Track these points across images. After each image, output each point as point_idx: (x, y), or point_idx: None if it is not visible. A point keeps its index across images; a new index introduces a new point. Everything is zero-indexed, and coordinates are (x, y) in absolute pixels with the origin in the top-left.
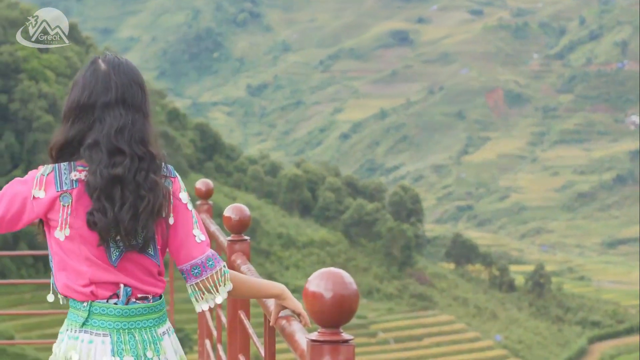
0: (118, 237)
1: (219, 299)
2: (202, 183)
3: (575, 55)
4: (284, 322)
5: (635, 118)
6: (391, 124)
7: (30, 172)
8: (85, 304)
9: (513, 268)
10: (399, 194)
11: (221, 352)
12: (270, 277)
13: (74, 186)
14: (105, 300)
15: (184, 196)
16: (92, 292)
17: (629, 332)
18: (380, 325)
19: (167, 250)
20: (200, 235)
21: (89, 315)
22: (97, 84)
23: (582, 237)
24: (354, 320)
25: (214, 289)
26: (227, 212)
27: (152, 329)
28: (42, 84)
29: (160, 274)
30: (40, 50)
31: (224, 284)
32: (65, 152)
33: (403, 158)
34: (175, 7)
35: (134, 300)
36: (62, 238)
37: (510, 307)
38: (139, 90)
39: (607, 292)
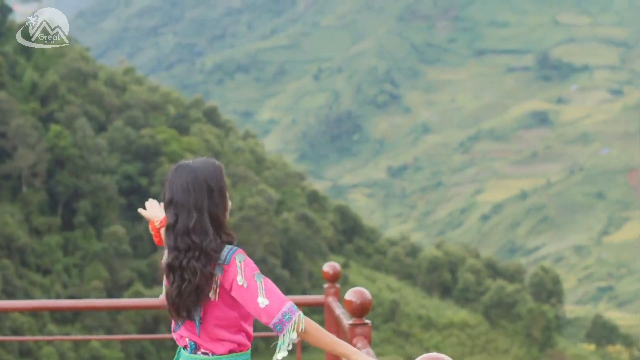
0: (175, 310)
1: (289, 343)
2: (329, 266)
3: None
4: None
5: None
6: (532, 204)
7: None
8: (179, 348)
9: None
10: (539, 275)
11: None
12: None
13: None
14: (183, 347)
15: (239, 279)
16: (178, 340)
17: None
18: None
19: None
20: (263, 302)
21: (178, 356)
22: (165, 188)
23: None
24: None
25: (294, 331)
26: (349, 295)
27: None
28: None
29: (222, 338)
30: (180, 133)
31: (299, 328)
32: None
33: (543, 239)
34: (315, 89)
35: (199, 352)
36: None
37: None
38: (186, 193)
39: None
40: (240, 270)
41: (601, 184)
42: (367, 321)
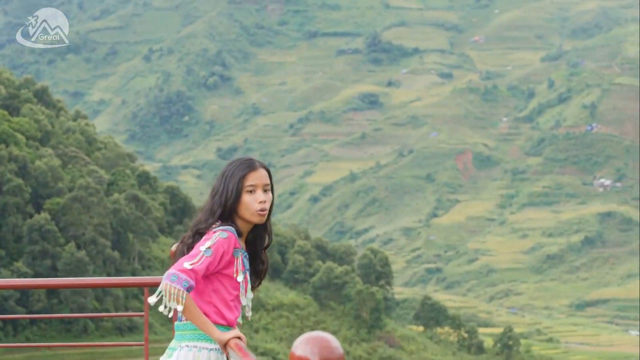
0: None
1: (171, 309)
2: (177, 246)
3: (544, 118)
4: None
5: (603, 180)
6: (361, 186)
7: None
8: None
9: (482, 330)
10: (368, 256)
11: None
12: None
13: None
14: None
15: (202, 243)
16: None
17: None
18: None
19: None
20: (185, 264)
21: None
22: None
23: (550, 299)
24: None
25: (173, 301)
26: None
27: (177, 341)
28: (13, 147)
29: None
30: (10, 113)
31: (178, 303)
32: None
33: (372, 221)
34: (146, 70)
35: (181, 320)
36: None
37: None
38: (217, 179)
39: (575, 354)
40: (211, 238)
41: (430, 166)
42: None
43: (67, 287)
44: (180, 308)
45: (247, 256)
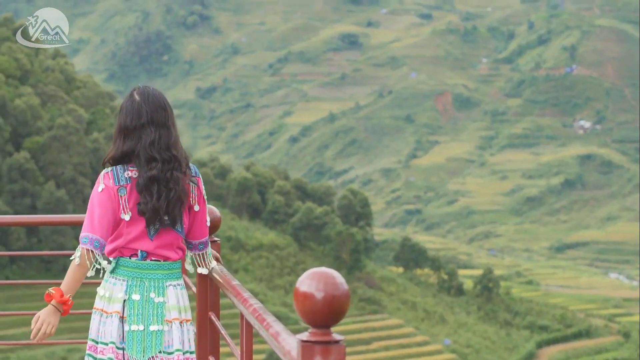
0: (158, 219)
1: (211, 266)
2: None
3: (523, 60)
4: (266, 322)
5: (583, 122)
6: (340, 127)
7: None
8: (112, 259)
9: (461, 272)
10: (348, 197)
11: None
12: None
13: (128, 182)
14: (128, 257)
15: (204, 192)
16: (119, 251)
17: (576, 336)
18: None
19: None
20: (208, 222)
21: (116, 266)
22: (133, 111)
23: (530, 242)
24: (302, 324)
25: (206, 263)
26: None
27: (161, 280)
28: None
29: (179, 246)
30: None
31: (211, 262)
32: (120, 162)
33: (352, 162)
34: (125, 9)
35: (149, 260)
36: (127, 219)
37: (458, 311)
38: (163, 111)
39: (555, 297)
40: (202, 185)
41: (409, 107)
42: (216, 239)
43: (49, 224)
44: (214, 264)
45: None
